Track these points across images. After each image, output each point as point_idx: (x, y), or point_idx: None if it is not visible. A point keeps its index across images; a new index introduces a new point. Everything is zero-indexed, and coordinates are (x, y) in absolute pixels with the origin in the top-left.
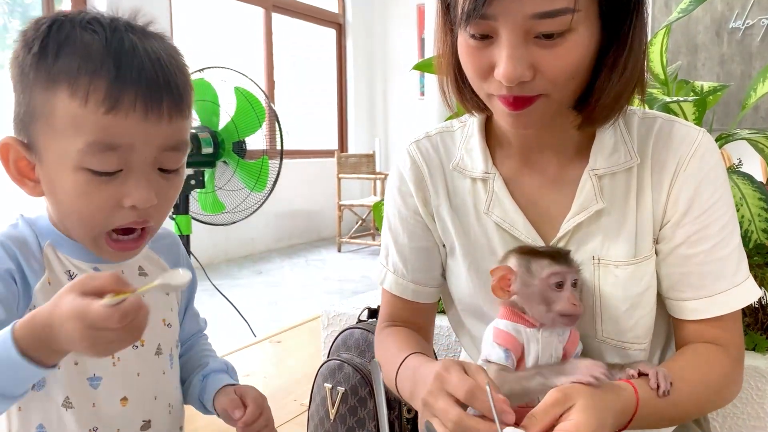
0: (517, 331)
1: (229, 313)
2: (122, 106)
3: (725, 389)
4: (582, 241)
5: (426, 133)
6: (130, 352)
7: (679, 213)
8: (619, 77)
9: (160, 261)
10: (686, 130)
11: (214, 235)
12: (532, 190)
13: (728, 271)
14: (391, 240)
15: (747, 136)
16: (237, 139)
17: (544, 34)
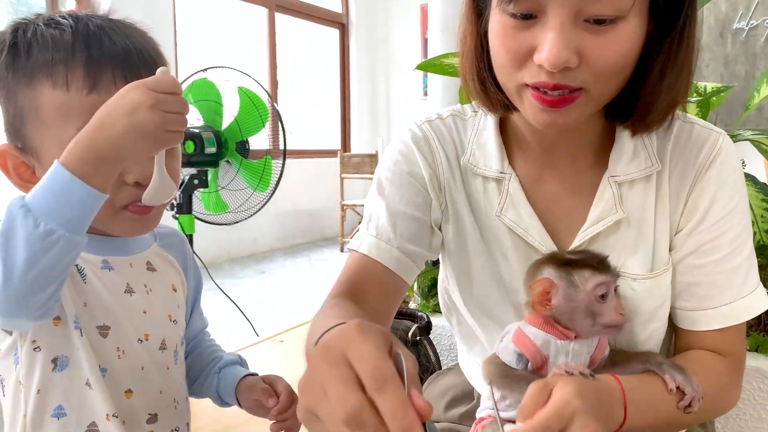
0: (546, 343)
1: (231, 312)
2: (102, 83)
3: (723, 398)
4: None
5: (438, 115)
6: (135, 346)
7: (693, 221)
8: (675, 80)
9: (169, 257)
10: (707, 134)
11: (217, 235)
12: (549, 196)
13: (736, 282)
14: (382, 205)
15: (750, 137)
16: (240, 139)
17: (595, 18)
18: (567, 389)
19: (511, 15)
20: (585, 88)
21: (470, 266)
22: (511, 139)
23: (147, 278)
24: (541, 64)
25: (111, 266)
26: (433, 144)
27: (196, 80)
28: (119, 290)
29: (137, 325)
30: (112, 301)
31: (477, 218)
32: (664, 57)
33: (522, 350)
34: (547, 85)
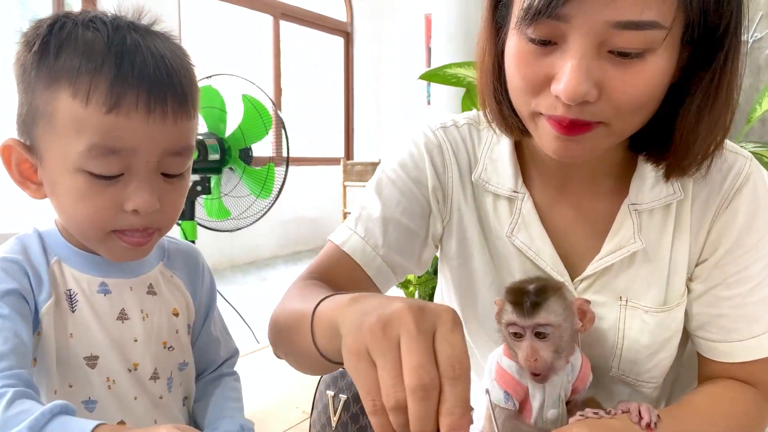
0: (521, 374)
1: (232, 319)
2: (124, 105)
3: (749, 427)
4: (610, 282)
5: (454, 121)
6: (124, 375)
7: (719, 253)
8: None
9: (174, 279)
10: (733, 159)
11: (219, 242)
12: (563, 219)
13: (765, 314)
14: (378, 205)
15: (752, 149)
16: (244, 146)
17: (620, 51)
18: None
19: (529, 39)
20: (605, 122)
21: (475, 284)
22: (526, 157)
23: (146, 303)
24: (558, 95)
25: (108, 290)
26: (447, 153)
27: (200, 87)
28: (111, 317)
29: (127, 354)
30: (102, 330)
31: (486, 236)
32: (702, 94)
33: (504, 387)
34: (563, 120)
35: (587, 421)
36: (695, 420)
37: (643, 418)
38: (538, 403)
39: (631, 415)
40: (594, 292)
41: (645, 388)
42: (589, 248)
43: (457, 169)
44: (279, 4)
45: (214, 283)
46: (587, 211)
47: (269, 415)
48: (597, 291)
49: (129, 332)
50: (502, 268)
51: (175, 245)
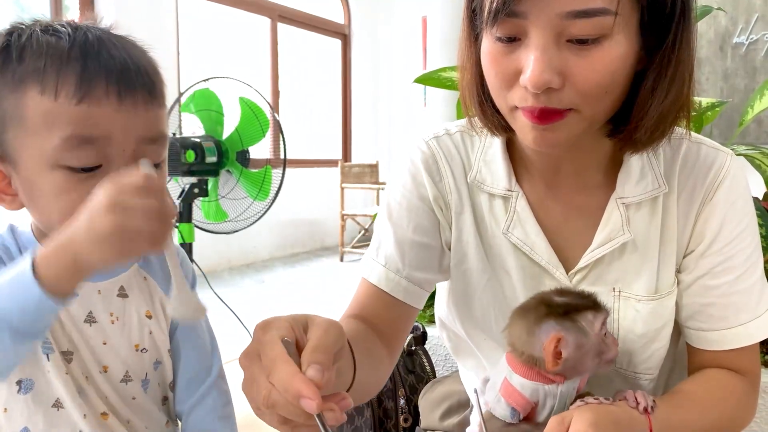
0: (534, 391)
1: (230, 321)
2: (94, 94)
3: (740, 414)
4: (603, 273)
5: (446, 130)
6: (97, 376)
7: (704, 244)
8: (663, 96)
9: (148, 280)
10: (714, 155)
11: (217, 243)
12: (555, 215)
13: (751, 303)
14: (390, 231)
15: (744, 152)
16: (241, 149)
17: (578, 38)
18: (582, 420)
19: (496, 39)
20: (575, 108)
21: (471, 285)
22: (517, 158)
23: (115, 306)
24: (525, 85)
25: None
26: (440, 162)
27: (197, 90)
28: (79, 319)
29: (96, 356)
30: (74, 329)
31: (482, 237)
32: (654, 74)
33: (512, 404)
34: (534, 109)
35: (589, 406)
36: (689, 406)
37: (640, 403)
38: (546, 413)
39: (629, 401)
40: (588, 283)
41: (642, 380)
42: (582, 241)
43: (451, 176)
44: (276, 7)
45: (194, 281)
46: (578, 206)
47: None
48: (591, 282)
49: (98, 335)
50: (498, 266)
51: None
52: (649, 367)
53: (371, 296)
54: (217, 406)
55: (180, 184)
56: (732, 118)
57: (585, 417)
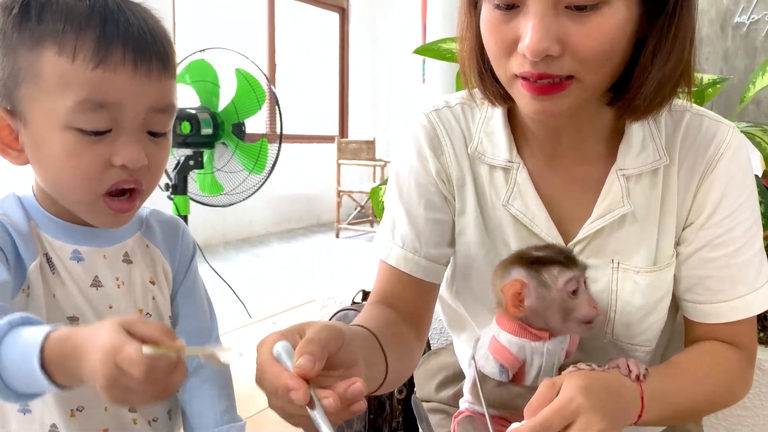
0: (521, 347)
1: (225, 294)
2: (111, 60)
3: (734, 385)
4: (603, 245)
5: (446, 102)
6: None
7: (703, 216)
8: (664, 63)
9: (151, 247)
10: (716, 127)
11: (212, 217)
12: (555, 187)
13: (749, 276)
14: (402, 210)
15: (744, 129)
16: (236, 121)
17: (576, 4)
18: (572, 386)
19: (495, 6)
20: (576, 76)
21: (470, 257)
22: (518, 129)
23: (120, 271)
24: (524, 53)
25: (81, 257)
26: (441, 135)
27: (193, 61)
28: (85, 284)
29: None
30: (79, 295)
31: (482, 209)
32: (654, 40)
33: (500, 360)
34: (532, 75)
35: (580, 372)
36: (682, 376)
37: (632, 371)
38: (534, 372)
39: (621, 369)
40: (587, 255)
41: (638, 352)
42: (581, 213)
43: (452, 148)
44: None
45: (195, 252)
46: (578, 178)
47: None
48: (590, 254)
49: (104, 299)
50: (497, 239)
51: (156, 216)
52: (647, 339)
53: (392, 279)
54: (214, 374)
55: (175, 156)
56: (731, 98)
57: (575, 382)
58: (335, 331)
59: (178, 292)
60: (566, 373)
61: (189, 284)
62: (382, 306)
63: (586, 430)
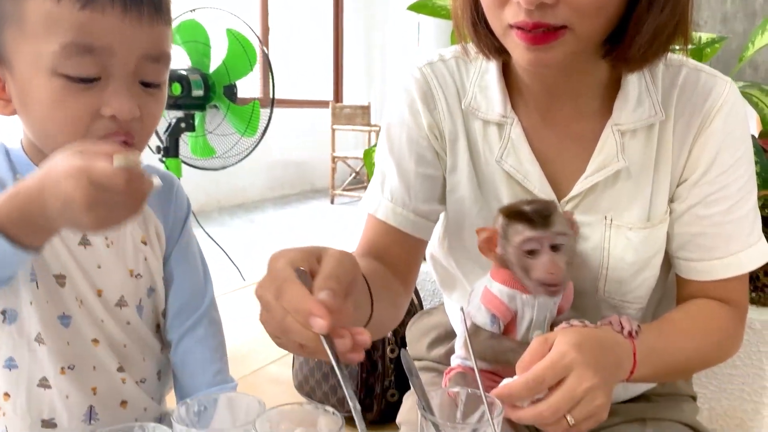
0: (512, 298)
1: (219, 258)
2: (99, 1)
3: (725, 343)
4: (596, 201)
5: (440, 56)
6: (91, 299)
7: (698, 172)
8: (659, 11)
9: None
10: (713, 82)
11: (206, 183)
12: (550, 142)
13: (742, 233)
14: (393, 164)
15: (741, 89)
16: (228, 83)
17: None
18: (565, 342)
19: None
20: (570, 26)
21: (463, 214)
22: (512, 84)
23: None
24: (519, 1)
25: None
26: (434, 89)
27: (184, 21)
28: (73, 242)
29: (91, 280)
30: (66, 253)
31: (475, 165)
32: None
33: (492, 310)
34: (527, 24)
35: (572, 328)
36: (674, 332)
37: (625, 327)
38: (525, 325)
39: (614, 326)
40: (580, 212)
41: (630, 309)
42: (575, 169)
43: (445, 103)
44: None
45: (189, 211)
46: (573, 133)
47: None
48: (583, 211)
49: (92, 258)
50: (490, 195)
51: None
52: (638, 297)
53: (380, 233)
54: (207, 335)
55: (166, 118)
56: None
57: (568, 338)
58: (352, 263)
59: (171, 253)
60: (559, 329)
61: (183, 245)
62: (369, 258)
63: (579, 385)
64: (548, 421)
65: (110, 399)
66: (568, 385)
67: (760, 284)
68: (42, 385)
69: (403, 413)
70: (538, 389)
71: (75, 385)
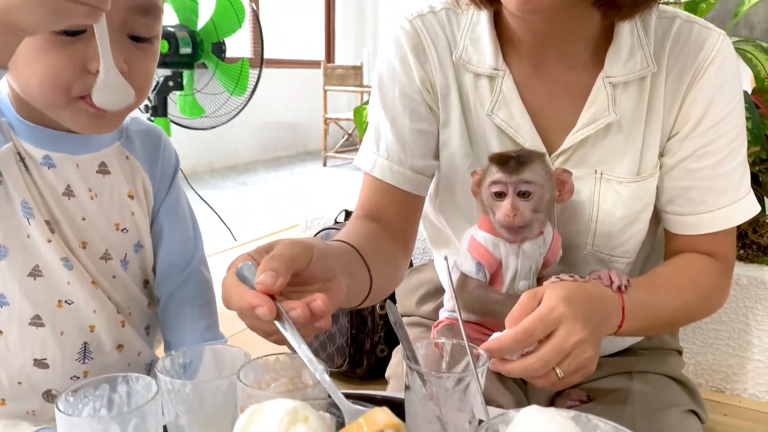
0: (495, 245)
1: (211, 219)
2: None
3: (712, 297)
4: (586, 155)
5: (430, 8)
6: (78, 250)
7: (689, 125)
8: None
9: (131, 159)
10: (707, 34)
11: (197, 144)
12: (541, 95)
13: (731, 187)
14: (387, 121)
15: (735, 45)
16: (216, 40)
17: None
18: (554, 296)
19: None
20: None
21: (454, 168)
22: (504, 36)
23: (94, 182)
24: None
25: (53, 163)
26: (425, 42)
27: None
28: (57, 192)
29: (76, 231)
30: (52, 201)
31: (467, 119)
32: None
33: (477, 258)
34: None
35: (561, 283)
36: (662, 286)
37: (614, 281)
38: (510, 274)
39: (603, 280)
40: (571, 166)
41: (618, 263)
42: (566, 123)
43: (436, 56)
44: None
45: (178, 166)
46: (564, 86)
47: None
48: (574, 165)
49: (77, 210)
50: (481, 149)
51: (137, 125)
52: (627, 251)
53: (377, 191)
54: (197, 292)
55: (154, 77)
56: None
57: (557, 292)
58: (302, 246)
59: (160, 209)
60: (548, 283)
61: (171, 201)
62: (365, 220)
63: (568, 338)
64: (538, 373)
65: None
66: (557, 339)
67: (748, 241)
68: (34, 323)
69: (392, 367)
70: (528, 342)
71: (70, 321)
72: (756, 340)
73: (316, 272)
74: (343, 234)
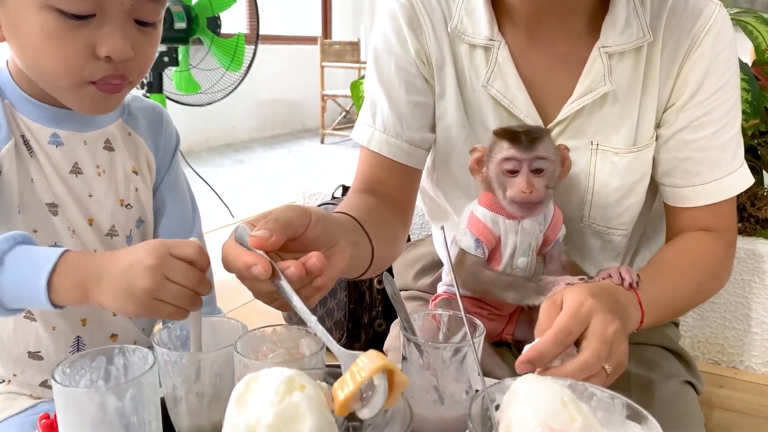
0: (495, 222)
1: (208, 197)
2: None
3: (719, 272)
4: (582, 126)
5: None
6: (83, 228)
7: (685, 96)
8: None
9: (133, 135)
10: (703, 4)
11: (194, 122)
12: (537, 66)
13: (726, 158)
14: (383, 94)
15: (734, 16)
16: (211, 15)
17: None
18: (576, 294)
19: None
20: None
21: (451, 141)
22: (499, 6)
23: (101, 158)
24: None
25: (60, 141)
26: (420, 13)
27: None
28: (64, 170)
29: (82, 208)
30: (58, 180)
31: (462, 91)
32: None
33: (476, 234)
34: None
35: (578, 285)
36: (671, 274)
37: (625, 279)
38: (509, 251)
39: (613, 279)
40: (566, 137)
41: (615, 235)
42: (562, 94)
43: (431, 27)
44: None
45: (178, 142)
46: (560, 56)
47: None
48: (569, 136)
49: (83, 187)
50: (476, 121)
51: (138, 102)
52: (623, 223)
53: (375, 165)
54: None
55: None
56: None
57: (578, 290)
58: (299, 209)
59: (161, 184)
60: (560, 289)
61: (172, 176)
62: (363, 194)
63: (605, 327)
64: (594, 369)
65: (99, 331)
66: (595, 329)
67: (746, 214)
68: (27, 318)
69: (390, 339)
70: (567, 341)
71: (62, 315)
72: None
73: (317, 236)
74: (343, 207)
